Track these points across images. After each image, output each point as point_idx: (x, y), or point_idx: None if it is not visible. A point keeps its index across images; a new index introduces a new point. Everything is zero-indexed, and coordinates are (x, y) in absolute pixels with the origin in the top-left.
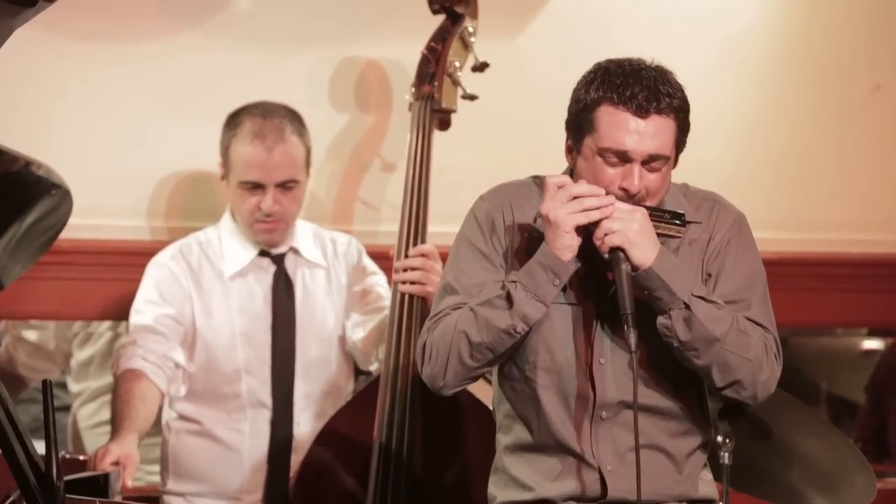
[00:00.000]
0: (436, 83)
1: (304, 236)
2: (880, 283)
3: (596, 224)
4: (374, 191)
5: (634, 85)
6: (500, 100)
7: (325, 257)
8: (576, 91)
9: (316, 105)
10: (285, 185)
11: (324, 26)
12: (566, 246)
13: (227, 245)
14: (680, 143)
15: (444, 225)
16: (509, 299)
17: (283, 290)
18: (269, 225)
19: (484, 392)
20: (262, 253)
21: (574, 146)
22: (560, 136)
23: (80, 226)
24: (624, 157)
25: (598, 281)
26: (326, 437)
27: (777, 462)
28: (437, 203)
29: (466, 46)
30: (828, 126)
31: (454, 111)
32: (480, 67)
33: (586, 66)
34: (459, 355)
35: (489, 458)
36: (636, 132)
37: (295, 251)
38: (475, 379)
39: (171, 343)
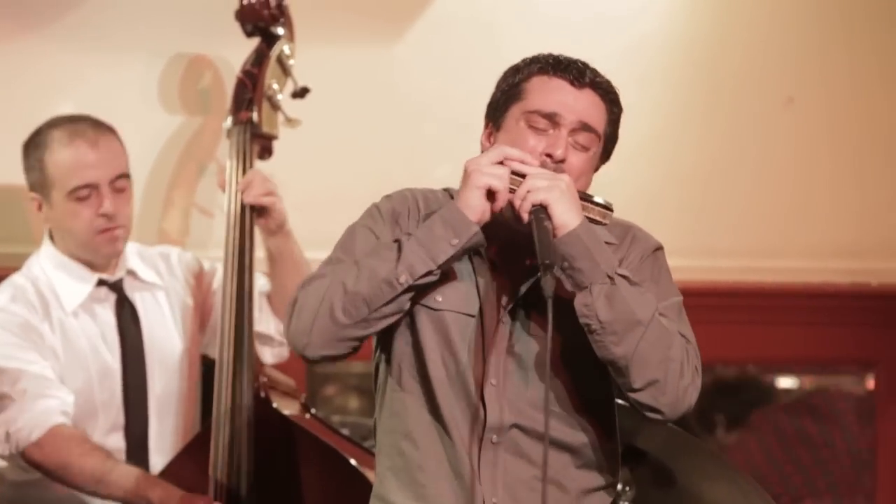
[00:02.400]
0: (255, 108)
1: (133, 257)
2: (797, 316)
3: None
4: (210, 198)
5: (572, 62)
6: (375, 113)
7: (161, 276)
8: (502, 78)
9: (149, 108)
10: (116, 185)
11: (156, 26)
12: (473, 205)
13: (57, 280)
14: (608, 140)
15: (316, 251)
16: (399, 250)
17: (128, 320)
18: (112, 232)
19: (326, 434)
20: (99, 282)
21: (494, 126)
22: (443, 154)
23: None
24: (552, 121)
25: (501, 296)
26: None
27: None
28: (307, 229)
29: (285, 70)
30: (739, 142)
31: (276, 138)
32: (300, 93)
33: (471, 76)
34: (331, 308)
35: (329, 499)
36: (570, 97)
37: (132, 274)
38: (343, 347)
39: (64, 390)
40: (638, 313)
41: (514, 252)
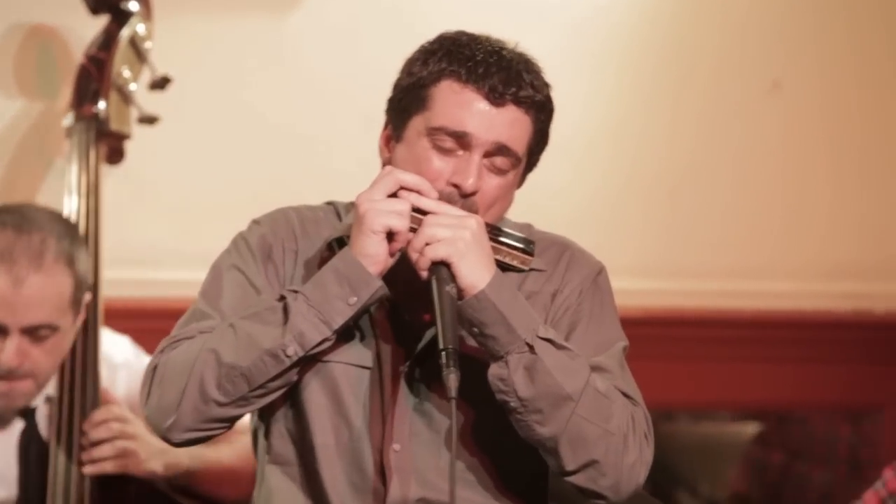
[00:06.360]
0: (101, 101)
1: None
2: (783, 350)
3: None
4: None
5: (492, 64)
6: (268, 99)
7: None
8: (408, 63)
9: None
10: (37, 334)
11: None
12: (372, 253)
13: None
14: (533, 152)
15: (193, 271)
16: (285, 312)
17: (34, 459)
18: (7, 384)
19: None
20: None
21: (394, 133)
22: (350, 146)
23: None
24: (462, 142)
25: (403, 341)
26: None
27: None
28: (182, 243)
29: (140, 55)
30: (716, 139)
31: (128, 137)
32: (160, 83)
33: (383, 53)
34: (202, 382)
35: None
36: (484, 116)
37: (51, 402)
38: (216, 428)
39: None
40: (566, 386)
41: (418, 291)
